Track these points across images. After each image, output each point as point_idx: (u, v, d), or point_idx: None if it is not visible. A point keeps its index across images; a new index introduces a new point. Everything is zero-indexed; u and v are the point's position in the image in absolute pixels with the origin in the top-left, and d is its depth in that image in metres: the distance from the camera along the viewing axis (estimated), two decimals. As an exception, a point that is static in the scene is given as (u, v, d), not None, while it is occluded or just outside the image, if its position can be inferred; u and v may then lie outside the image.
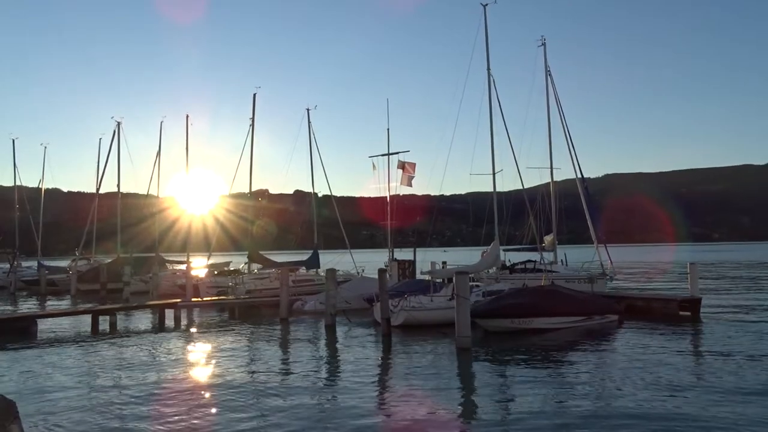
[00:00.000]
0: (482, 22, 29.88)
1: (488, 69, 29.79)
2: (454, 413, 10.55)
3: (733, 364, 13.78)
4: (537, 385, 12.30)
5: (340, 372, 14.21)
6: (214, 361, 15.78)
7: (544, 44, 33.05)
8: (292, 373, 14.01)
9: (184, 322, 24.19)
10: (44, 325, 22.13)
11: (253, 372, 14.19)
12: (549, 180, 33.25)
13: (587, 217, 30.88)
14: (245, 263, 36.86)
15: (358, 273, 34.40)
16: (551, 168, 32.86)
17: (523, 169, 31.00)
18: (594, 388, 11.90)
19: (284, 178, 76.73)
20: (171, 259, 48.21)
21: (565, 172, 33.91)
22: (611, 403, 10.75)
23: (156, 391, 12.15)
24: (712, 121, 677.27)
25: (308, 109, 40.29)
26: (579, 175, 31.51)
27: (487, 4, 29.97)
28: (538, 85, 33.99)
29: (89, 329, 21.82)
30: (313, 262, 36.90)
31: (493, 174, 29.32)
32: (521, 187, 31.27)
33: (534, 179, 34.63)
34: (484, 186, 30.60)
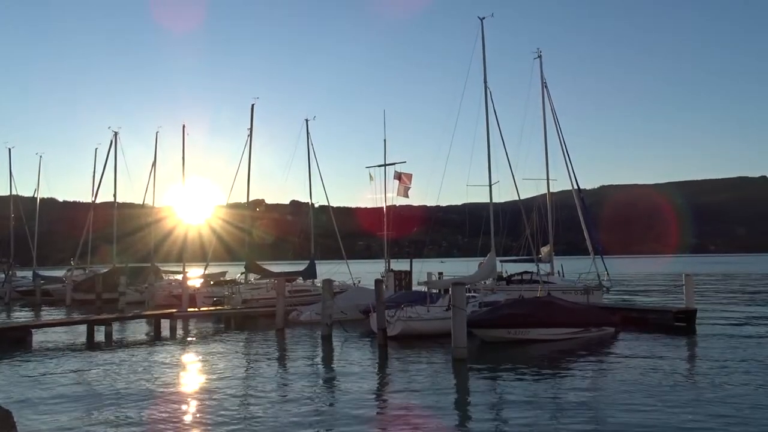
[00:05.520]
0: (479, 35, 30.08)
1: (485, 82, 29.90)
2: (449, 424, 10.54)
3: (728, 376, 13.82)
4: (533, 396, 12.31)
5: (335, 382, 14.20)
6: (209, 372, 15.75)
7: (540, 56, 33.31)
8: (288, 384, 14.00)
9: (180, 332, 24.15)
10: (40, 336, 22.03)
11: (249, 382, 14.17)
12: (545, 191, 33.35)
13: (583, 228, 30.96)
14: (242, 273, 36.82)
15: (354, 283, 34.37)
16: (548, 179, 32.98)
17: (519, 180, 31.10)
18: (590, 400, 11.92)
19: (281, 188, 76.69)
20: (167, 269, 48.13)
21: (561, 183, 34.01)
22: (607, 415, 10.77)
23: (151, 403, 12.12)
24: (707, 134, 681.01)
25: (307, 120, 40.41)
26: (575, 186, 31.62)
27: (484, 18, 30.15)
28: (534, 97, 34.08)
29: (85, 339, 21.77)
30: (310, 273, 36.90)
31: (490, 186, 29.40)
32: (517, 198, 31.30)
33: (530, 190, 34.76)
34: (481, 197, 30.64)
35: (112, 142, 46.97)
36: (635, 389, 12.54)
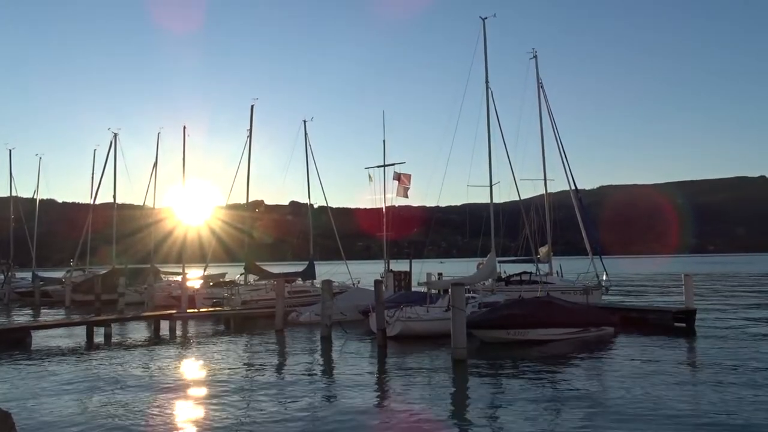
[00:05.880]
0: (481, 36, 30.11)
1: (486, 82, 29.91)
2: (449, 425, 10.55)
3: (727, 376, 13.83)
4: (532, 397, 12.31)
5: (335, 383, 14.19)
6: (208, 373, 15.74)
7: (535, 57, 33.33)
8: (287, 385, 13.98)
9: (179, 333, 24.15)
10: (39, 337, 22.03)
11: (249, 384, 14.16)
12: (543, 191, 33.33)
13: (582, 228, 30.95)
14: (241, 274, 36.82)
15: (353, 284, 34.37)
16: (545, 179, 32.96)
17: (517, 180, 31.11)
18: (589, 401, 11.91)
19: (280, 189, 76.74)
20: (166, 270, 48.13)
21: (558, 184, 33.99)
22: (607, 416, 10.77)
23: (150, 403, 12.13)
24: (706, 134, 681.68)
25: (305, 121, 40.46)
26: (572, 187, 31.62)
27: (486, 18, 30.20)
28: (531, 97, 34.07)
29: (84, 340, 21.77)
30: (309, 273, 36.90)
31: (490, 186, 29.41)
32: (518, 199, 31.32)
33: (528, 191, 34.71)
34: (481, 197, 30.66)
35: (111, 143, 47.02)
36: (635, 390, 12.54)
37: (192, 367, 16.82)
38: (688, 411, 10.83)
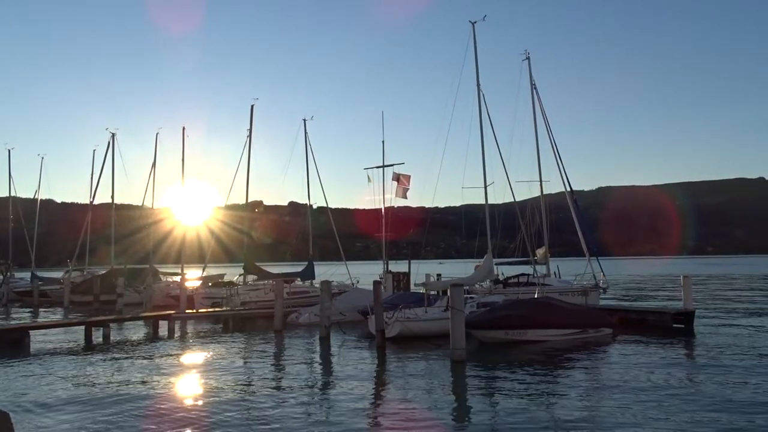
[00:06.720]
0: (471, 39, 30.28)
1: (478, 84, 30.11)
2: (447, 426, 10.55)
3: (725, 377, 13.84)
4: (531, 397, 12.33)
5: (333, 384, 14.19)
6: (207, 374, 15.74)
7: (528, 58, 33.41)
8: (286, 386, 13.99)
9: (177, 333, 24.16)
10: (37, 337, 22.02)
11: (247, 384, 14.16)
12: (539, 193, 33.35)
13: (578, 229, 30.98)
14: (240, 274, 36.79)
15: (352, 284, 34.36)
16: (540, 180, 32.99)
17: (512, 182, 31.17)
18: (588, 402, 11.94)
19: (279, 189, 76.58)
20: (165, 270, 48.09)
21: (555, 185, 34.06)
22: (604, 417, 10.78)
23: (149, 404, 12.12)
24: (705, 135, 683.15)
25: (305, 120, 40.41)
26: (567, 188, 31.64)
27: (476, 22, 30.38)
28: (525, 99, 34.12)
29: (82, 341, 21.74)
30: (308, 274, 36.87)
31: (485, 187, 29.48)
32: (513, 200, 31.38)
33: (525, 192, 34.77)
34: (477, 198, 30.73)
35: (109, 143, 47.03)
36: (633, 390, 12.54)
37: (190, 369, 16.80)
38: (687, 412, 10.84)
